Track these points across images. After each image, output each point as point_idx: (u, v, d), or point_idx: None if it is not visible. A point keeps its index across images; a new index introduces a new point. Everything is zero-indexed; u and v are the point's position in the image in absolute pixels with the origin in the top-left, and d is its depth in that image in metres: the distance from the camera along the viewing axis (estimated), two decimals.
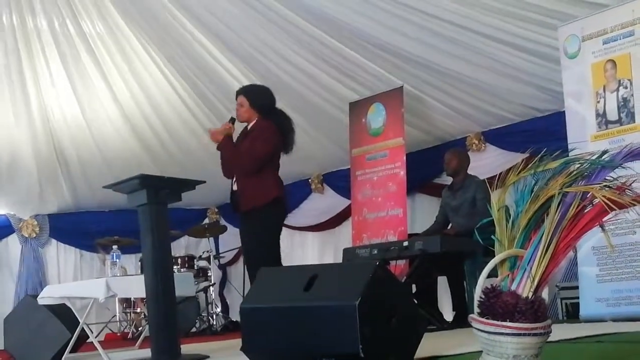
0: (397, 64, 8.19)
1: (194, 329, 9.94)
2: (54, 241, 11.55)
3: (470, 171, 7.58)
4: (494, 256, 2.52)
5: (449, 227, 7.54)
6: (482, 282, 2.47)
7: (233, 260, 11.53)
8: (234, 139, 6.10)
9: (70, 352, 6.04)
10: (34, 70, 9.16)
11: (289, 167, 10.71)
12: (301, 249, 11.29)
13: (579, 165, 2.55)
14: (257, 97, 6.06)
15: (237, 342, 4.69)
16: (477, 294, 2.45)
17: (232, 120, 6.04)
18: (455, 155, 7.53)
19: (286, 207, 6.17)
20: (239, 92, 6.11)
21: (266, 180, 5.83)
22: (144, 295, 5.43)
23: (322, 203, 10.93)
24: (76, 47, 8.98)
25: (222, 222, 11.88)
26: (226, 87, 9.11)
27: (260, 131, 5.88)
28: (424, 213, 8.97)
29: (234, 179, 5.99)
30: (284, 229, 11.14)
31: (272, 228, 5.91)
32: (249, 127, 6.03)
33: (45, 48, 8.93)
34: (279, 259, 5.94)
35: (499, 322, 2.35)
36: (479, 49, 7.42)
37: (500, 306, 2.36)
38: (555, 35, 6.69)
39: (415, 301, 6.28)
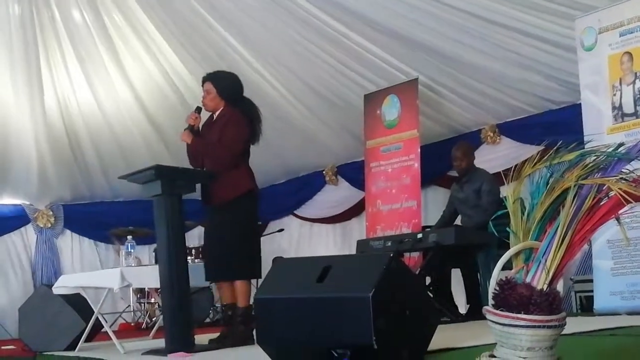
0: (412, 55, 8.17)
1: (207, 320, 9.96)
2: (68, 231, 11.60)
3: (484, 164, 7.57)
4: (508, 248, 2.51)
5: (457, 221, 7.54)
6: (496, 274, 2.46)
7: None
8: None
9: (85, 341, 6.07)
10: (50, 60, 9.19)
11: (304, 158, 10.82)
12: (314, 240, 11.30)
13: (595, 157, 2.53)
14: (225, 84, 5.82)
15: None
16: (492, 286, 2.45)
17: (199, 110, 5.78)
18: (463, 153, 7.42)
19: (259, 200, 5.86)
20: (206, 79, 5.84)
21: (238, 172, 5.60)
22: (158, 286, 5.46)
23: (336, 195, 10.92)
24: (92, 36, 8.98)
25: None
26: (244, 75, 9.06)
27: (229, 120, 5.66)
28: (438, 205, 8.94)
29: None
30: (297, 220, 11.34)
31: (245, 221, 5.62)
32: (215, 115, 5.78)
33: (60, 38, 8.95)
34: (253, 254, 5.70)
35: (514, 314, 2.34)
36: (494, 38, 7.39)
37: (515, 298, 2.36)
38: (572, 26, 6.65)
39: (429, 293, 6.28)
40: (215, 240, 5.64)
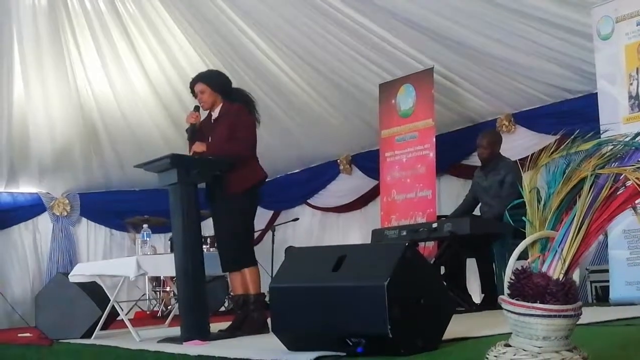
0: (427, 44, 8.14)
1: (222, 308, 10.00)
2: (84, 220, 11.68)
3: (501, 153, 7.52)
4: (524, 238, 2.50)
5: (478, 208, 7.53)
6: (512, 263, 2.46)
7: (259, 239, 11.50)
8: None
9: (101, 329, 6.10)
10: (66, 48, 9.22)
11: (318, 148, 10.83)
12: (328, 229, 11.31)
13: (612, 146, 2.52)
14: (216, 80, 5.88)
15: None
16: (508, 275, 2.44)
17: (197, 109, 5.88)
18: (487, 143, 7.35)
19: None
20: (196, 80, 5.87)
21: (252, 162, 5.71)
22: (173, 274, 5.49)
23: (350, 184, 10.93)
24: (108, 25, 9.03)
25: None
26: (258, 64, 9.12)
27: (236, 115, 5.72)
28: (452, 195, 8.95)
29: None
30: (311, 209, 11.32)
31: (254, 209, 5.78)
32: (216, 112, 5.83)
33: (77, 26, 9.00)
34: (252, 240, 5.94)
35: (529, 304, 2.34)
36: (510, 27, 7.35)
37: (531, 287, 2.35)
38: (590, 14, 6.60)
39: (444, 283, 6.28)
40: (225, 230, 5.68)
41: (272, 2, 8.25)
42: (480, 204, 7.48)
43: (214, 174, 5.55)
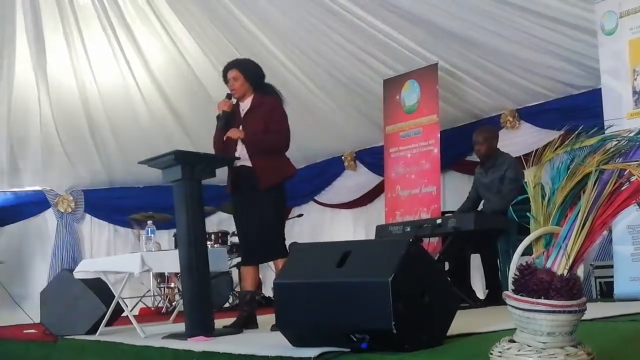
0: (431, 40, 8.14)
1: (227, 305, 10.00)
2: (88, 216, 11.68)
3: (504, 149, 7.52)
4: (528, 234, 2.50)
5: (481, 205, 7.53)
6: (517, 259, 2.46)
7: None
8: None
9: (106, 325, 6.10)
10: (67, 41, 9.21)
11: (323, 144, 10.83)
12: (333, 226, 11.32)
13: (616, 142, 2.52)
14: (251, 70, 5.86)
15: (270, 317, 4.73)
16: (512, 271, 2.44)
17: (229, 97, 5.83)
18: (483, 139, 7.35)
19: None
20: (231, 66, 5.84)
21: (283, 156, 5.78)
22: (178, 270, 5.48)
23: (355, 180, 10.93)
24: (110, 18, 9.01)
25: None
26: (263, 61, 9.07)
27: (272, 108, 5.73)
28: (456, 190, 8.94)
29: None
30: (316, 205, 11.31)
31: (285, 202, 5.88)
32: (246, 103, 5.80)
33: (79, 19, 8.97)
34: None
35: (534, 300, 2.34)
36: (514, 22, 7.35)
37: (535, 283, 2.35)
38: (593, 9, 6.59)
39: (448, 279, 6.28)
40: (258, 223, 5.64)
41: None
42: (483, 201, 7.48)
43: (241, 167, 5.62)
